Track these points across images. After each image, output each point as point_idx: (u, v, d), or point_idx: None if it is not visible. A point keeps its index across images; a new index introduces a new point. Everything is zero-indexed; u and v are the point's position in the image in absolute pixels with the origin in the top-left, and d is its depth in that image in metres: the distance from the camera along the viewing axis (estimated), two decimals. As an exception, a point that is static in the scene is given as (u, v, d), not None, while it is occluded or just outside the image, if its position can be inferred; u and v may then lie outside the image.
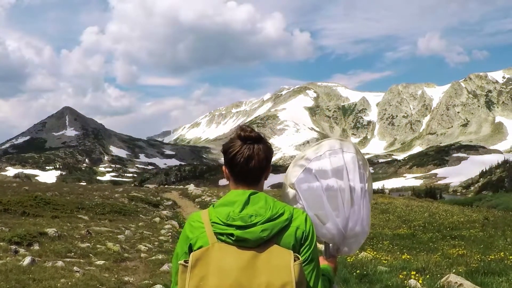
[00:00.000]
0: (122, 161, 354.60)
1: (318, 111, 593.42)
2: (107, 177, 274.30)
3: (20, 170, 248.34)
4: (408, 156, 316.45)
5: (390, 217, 21.93)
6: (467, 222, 20.54)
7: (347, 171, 2.32)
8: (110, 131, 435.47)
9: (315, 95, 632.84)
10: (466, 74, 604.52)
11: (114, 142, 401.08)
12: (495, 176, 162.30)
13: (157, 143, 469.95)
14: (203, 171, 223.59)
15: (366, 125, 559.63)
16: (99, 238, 10.99)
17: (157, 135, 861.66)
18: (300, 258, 1.70)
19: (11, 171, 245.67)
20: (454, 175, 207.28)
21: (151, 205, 22.57)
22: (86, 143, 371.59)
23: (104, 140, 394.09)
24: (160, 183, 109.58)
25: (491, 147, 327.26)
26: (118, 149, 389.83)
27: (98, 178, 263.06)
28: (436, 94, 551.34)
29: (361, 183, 2.33)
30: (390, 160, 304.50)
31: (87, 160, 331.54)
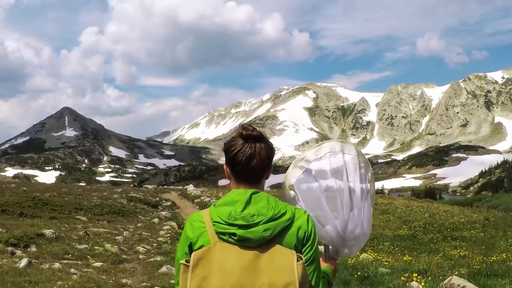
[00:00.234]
0: (122, 161, 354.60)
1: (317, 111, 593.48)
2: (107, 177, 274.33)
3: (20, 171, 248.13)
4: (408, 156, 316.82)
5: (390, 217, 21.82)
6: (467, 222, 20.43)
7: (346, 172, 2.29)
8: (109, 131, 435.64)
9: (314, 95, 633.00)
10: (465, 75, 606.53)
11: (113, 143, 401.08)
12: (494, 176, 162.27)
13: (156, 144, 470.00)
14: (203, 172, 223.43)
15: (365, 125, 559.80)
16: (97, 240, 10.89)
17: (156, 136, 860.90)
18: (303, 258, 1.69)
19: (10, 172, 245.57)
20: (453, 176, 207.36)
21: (150, 205, 22.47)
22: (85, 143, 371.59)
23: (103, 141, 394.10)
24: (159, 184, 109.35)
25: (491, 148, 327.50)
26: (118, 149, 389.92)
27: (98, 178, 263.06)
28: (435, 94, 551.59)
29: (361, 184, 2.30)
30: (390, 161, 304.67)
31: (86, 160, 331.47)
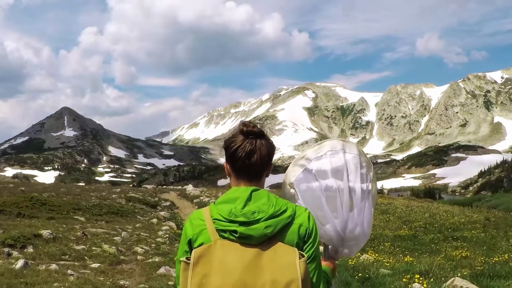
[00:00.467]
0: (121, 161, 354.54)
1: (316, 111, 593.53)
2: (106, 177, 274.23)
3: (19, 171, 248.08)
4: (407, 156, 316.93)
5: (390, 217, 21.71)
6: (468, 222, 20.33)
7: (347, 172, 2.27)
8: (108, 131, 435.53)
9: (313, 95, 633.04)
10: (464, 75, 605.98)
11: (112, 143, 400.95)
12: (493, 176, 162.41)
13: (155, 144, 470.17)
14: (202, 172, 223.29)
15: (364, 125, 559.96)
16: (95, 240, 10.77)
17: (155, 136, 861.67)
18: (305, 255, 1.68)
19: (9, 172, 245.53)
20: (452, 175, 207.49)
21: (148, 206, 22.35)
22: (84, 143, 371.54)
23: (102, 141, 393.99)
24: (158, 184, 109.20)
25: (490, 147, 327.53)
26: (117, 149, 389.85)
27: (97, 178, 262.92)
28: (434, 94, 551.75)
29: (362, 184, 2.28)
30: (389, 160, 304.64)
31: (85, 160, 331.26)
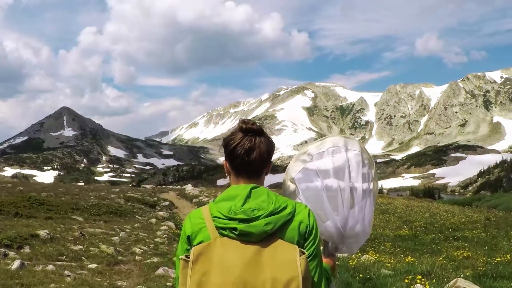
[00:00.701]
0: (120, 161, 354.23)
1: (316, 111, 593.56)
2: (105, 177, 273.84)
3: (18, 170, 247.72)
4: (406, 156, 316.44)
5: (390, 217, 21.62)
6: (468, 222, 20.23)
7: (349, 170, 2.28)
8: (108, 131, 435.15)
9: (313, 95, 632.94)
10: (464, 74, 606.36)
11: (112, 142, 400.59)
12: (493, 176, 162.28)
13: (155, 143, 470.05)
14: (201, 171, 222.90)
15: (364, 125, 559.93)
16: (93, 240, 10.67)
17: (155, 135, 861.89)
18: (305, 252, 1.67)
19: (9, 171, 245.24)
20: (452, 175, 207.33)
21: (147, 205, 22.24)
22: (84, 143, 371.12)
23: (102, 140, 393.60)
24: (158, 183, 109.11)
25: (489, 147, 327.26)
26: (116, 149, 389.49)
27: (96, 178, 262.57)
28: (434, 94, 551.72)
29: (364, 183, 2.28)
30: (388, 160, 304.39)
31: (85, 160, 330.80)
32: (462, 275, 7.38)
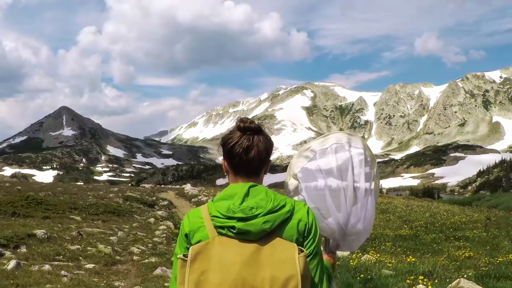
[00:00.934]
0: (119, 161, 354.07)
1: (315, 110, 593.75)
2: (104, 177, 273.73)
3: (17, 170, 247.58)
4: (406, 155, 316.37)
5: (390, 217, 21.53)
6: (469, 222, 20.15)
7: (352, 168, 2.26)
8: (107, 131, 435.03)
9: (312, 94, 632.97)
10: (463, 74, 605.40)
11: (111, 142, 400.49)
12: (492, 175, 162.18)
13: (154, 143, 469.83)
14: (200, 171, 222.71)
15: (363, 124, 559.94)
16: (90, 240, 10.56)
17: (154, 135, 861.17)
18: (304, 250, 1.66)
19: (8, 171, 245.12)
20: (451, 175, 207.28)
21: (146, 205, 22.09)
22: (83, 142, 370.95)
23: (101, 140, 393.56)
24: (157, 183, 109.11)
25: (488, 147, 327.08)
26: (115, 148, 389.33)
27: (95, 178, 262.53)
28: (433, 93, 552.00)
29: (366, 182, 2.27)
30: (388, 160, 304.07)
31: (84, 160, 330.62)
32: (465, 276, 7.28)
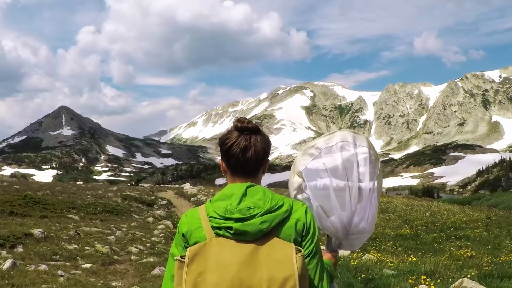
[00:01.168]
0: (119, 160, 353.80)
1: (314, 110, 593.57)
2: (104, 176, 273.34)
3: (17, 170, 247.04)
4: (405, 155, 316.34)
5: (390, 216, 21.43)
6: (469, 221, 20.05)
7: (357, 166, 2.26)
8: (106, 130, 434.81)
9: (311, 94, 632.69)
10: (462, 74, 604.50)
11: (110, 142, 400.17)
12: (492, 175, 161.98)
13: (153, 143, 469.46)
14: (200, 171, 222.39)
15: (362, 124, 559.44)
16: (88, 240, 10.46)
17: (153, 135, 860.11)
18: (302, 250, 1.65)
19: (7, 171, 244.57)
20: (451, 174, 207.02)
21: (145, 204, 22.00)
22: (82, 142, 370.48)
23: (100, 140, 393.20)
24: (156, 182, 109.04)
25: (488, 146, 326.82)
26: (115, 148, 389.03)
27: (95, 177, 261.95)
28: (432, 93, 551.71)
29: (371, 181, 2.27)
30: (387, 159, 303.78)
31: (83, 159, 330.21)
32: (469, 275, 7.18)
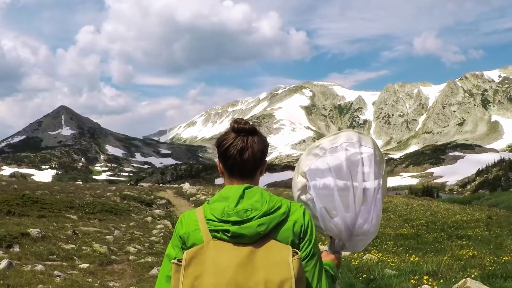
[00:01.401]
0: (118, 160, 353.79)
1: (314, 110, 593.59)
2: (103, 176, 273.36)
3: (16, 169, 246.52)
4: (404, 155, 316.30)
5: (391, 216, 21.35)
6: (470, 221, 19.97)
7: (362, 167, 2.25)
8: (106, 130, 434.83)
9: (311, 94, 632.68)
10: (462, 73, 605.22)
11: (110, 141, 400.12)
12: (491, 175, 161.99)
13: (153, 142, 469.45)
14: (199, 170, 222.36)
15: (362, 124, 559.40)
16: (86, 239, 10.34)
17: (153, 134, 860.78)
18: (298, 253, 1.63)
19: (7, 171, 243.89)
20: (450, 174, 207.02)
21: (144, 204, 21.88)
22: (82, 142, 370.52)
23: (100, 139, 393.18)
24: (156, 182, 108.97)
25: (487, 146, 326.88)
26: (114, 148, 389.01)
27: (94, 177, 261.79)
28: (432, 93, 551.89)
29: (375, 182, 2.26)
30: (386, 159, 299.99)
31: (83, 159, 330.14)
32: (472, 276, 7.07)
